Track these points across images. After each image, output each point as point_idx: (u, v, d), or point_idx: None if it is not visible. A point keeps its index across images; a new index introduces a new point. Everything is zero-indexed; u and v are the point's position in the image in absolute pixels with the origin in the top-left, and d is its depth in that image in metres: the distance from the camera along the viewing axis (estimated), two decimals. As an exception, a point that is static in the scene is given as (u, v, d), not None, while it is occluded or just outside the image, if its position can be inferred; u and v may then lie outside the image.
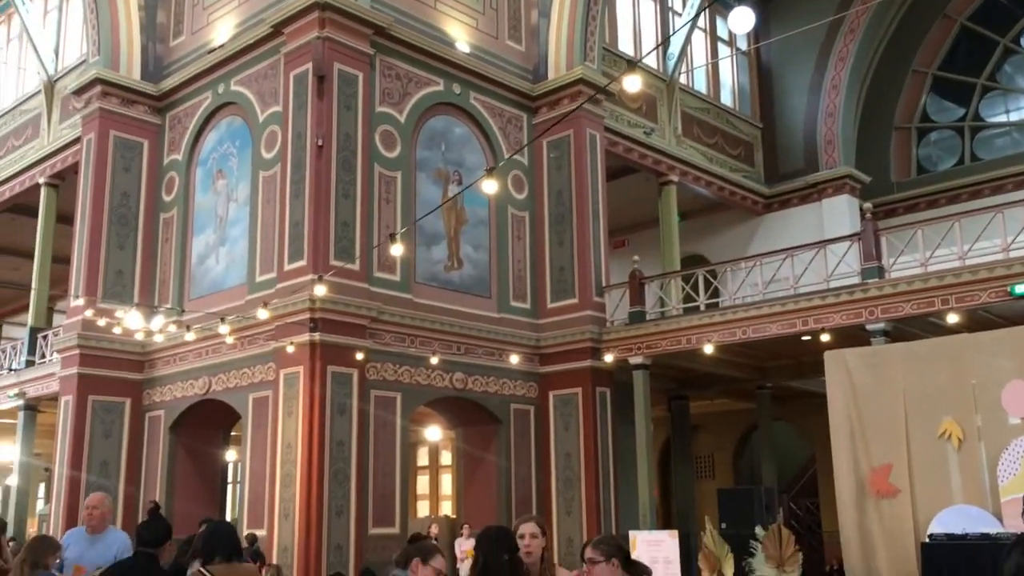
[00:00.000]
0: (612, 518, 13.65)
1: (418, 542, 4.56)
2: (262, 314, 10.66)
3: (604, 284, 14.59)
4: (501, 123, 14.66)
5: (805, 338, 12.31)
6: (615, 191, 16.00)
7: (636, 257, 14.46)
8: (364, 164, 12.44)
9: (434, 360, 12.43)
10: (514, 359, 13.51)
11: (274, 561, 10.29)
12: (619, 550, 4.38)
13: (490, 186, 5.90)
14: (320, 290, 9.79)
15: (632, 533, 10.28)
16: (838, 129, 18.70)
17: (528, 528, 4.63)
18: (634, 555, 9.58)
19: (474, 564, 3.80)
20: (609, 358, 13.74)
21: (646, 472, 13.49)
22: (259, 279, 12.62)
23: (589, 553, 4.34)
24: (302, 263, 11.76)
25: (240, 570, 5.27)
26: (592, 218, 14.59)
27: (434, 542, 5.01)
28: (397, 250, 7.70)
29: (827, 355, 9.32)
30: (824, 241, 13.34)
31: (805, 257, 12.76)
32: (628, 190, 16.99)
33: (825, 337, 11.67)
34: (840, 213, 18.06)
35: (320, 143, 11.95)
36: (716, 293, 14.14)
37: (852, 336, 11.40)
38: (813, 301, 11.95)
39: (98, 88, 14.42)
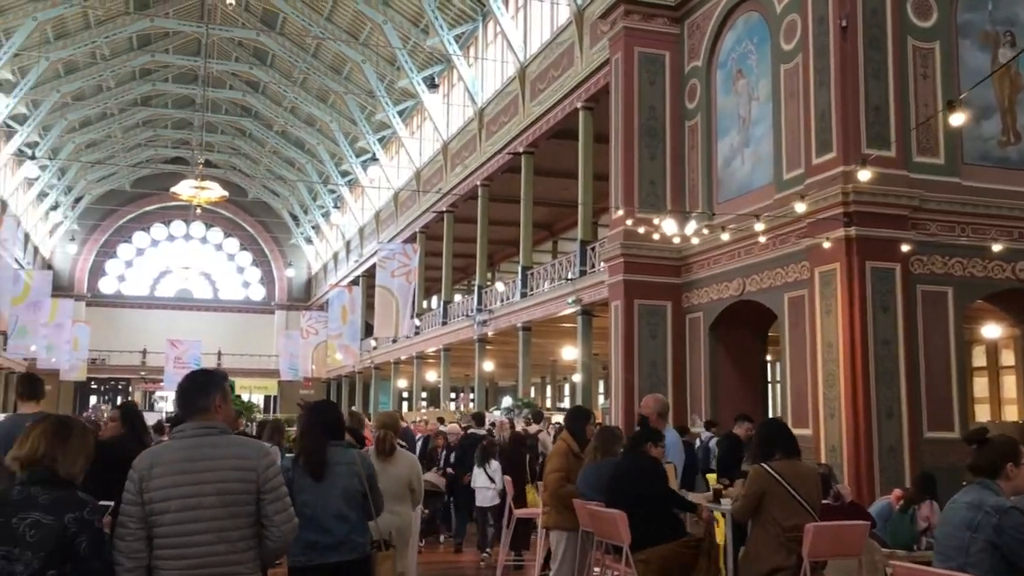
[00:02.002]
0: None
1: (998, 445, 3.96)
2: (799, 208, 10.36)
3: None
4: (1065, -38, 12.27)
5: None
6: None
7: None
8: (895, 39, 11.31)
9: (997, 247, 10.98)
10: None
11: (822, 460, 10.14)
12: None
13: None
14: (865, 175, 9.22)
15: None
16: None
17: None
18: None
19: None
20: None
21: None
22: (786, 176, 12.31)
23: None
24: (831, 155, 11.16)
25: (800, 467, 5.24)
26: None
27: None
28: (958, 119, 6.82)
29: None
30: None
31: None
32: None
33: None
34: None
35: (844, 24, 11.12)
36: None
37: None
38: None
39: (621, 8, 15.09)
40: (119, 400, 44.55)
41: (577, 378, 21.76)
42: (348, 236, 42.92)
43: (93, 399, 46.20)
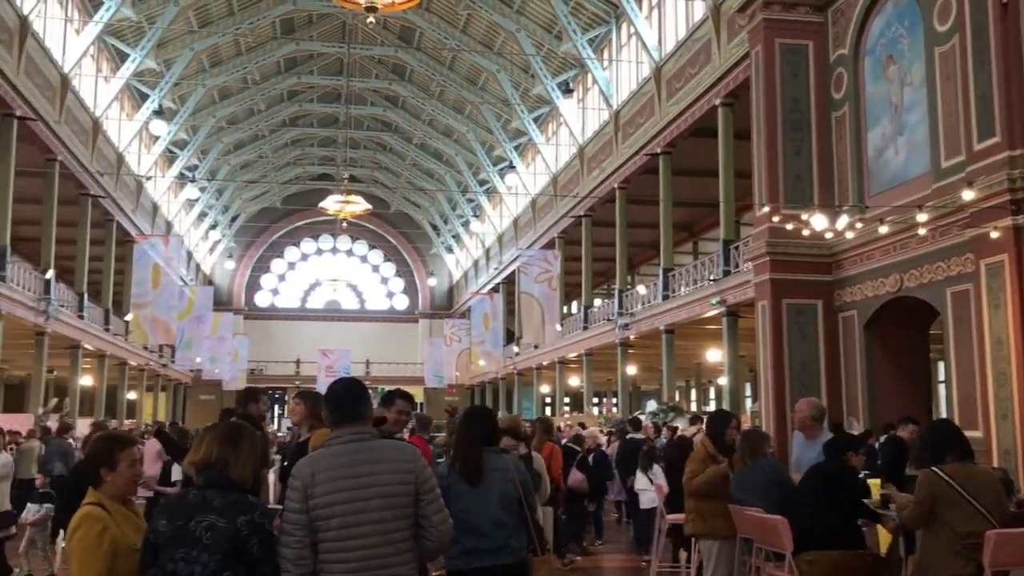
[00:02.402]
0: None
1: None
2: (967, 195, 9.76)
3: None
4: None
5: None
6: None
7: None
8: (1063, 12, 10.54)
9: None
10: None
11: (995, 464, 9.51)
12: None
13: None
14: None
15: None
16: None
17: None
18: None
19: None
20: None
21: None
22: (944, 165, 11.65)
23: None
24: (995, 140, 10.47)
25: (975, 470, 4.93)
26: None
27: None
28: None
29: None
30: None
31: None
32: None
33: None
34: None
35: (1005, 0, 10.44)
36: None
37: None
38: None
39: (759, 0, 14.68)
40: (276, 408, 46.66)
41: (723, 381, 21.28)
42: (488, 244, 43.50)
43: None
